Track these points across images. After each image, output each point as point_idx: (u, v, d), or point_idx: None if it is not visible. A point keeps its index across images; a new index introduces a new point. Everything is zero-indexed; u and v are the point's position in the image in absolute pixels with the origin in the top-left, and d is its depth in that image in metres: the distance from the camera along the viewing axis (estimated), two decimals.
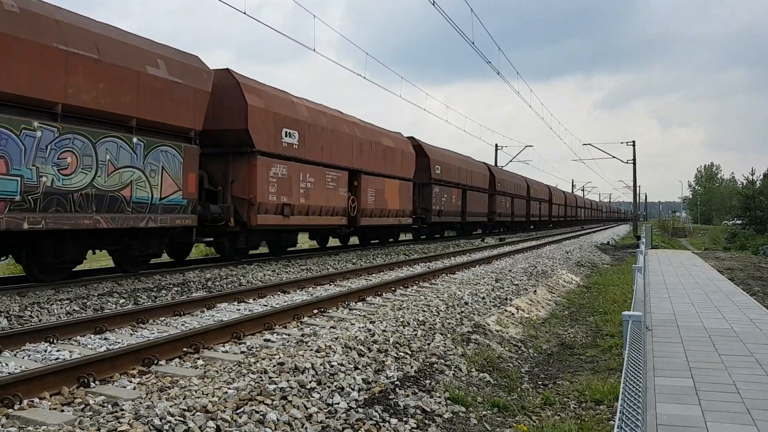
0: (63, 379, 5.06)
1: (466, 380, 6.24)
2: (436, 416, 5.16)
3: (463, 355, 6.97)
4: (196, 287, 11.14)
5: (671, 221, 77.47)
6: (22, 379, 4.80)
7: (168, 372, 5.67)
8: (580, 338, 8.97)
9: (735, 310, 9.76)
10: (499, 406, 5.62)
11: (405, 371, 6.06)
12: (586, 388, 6.16)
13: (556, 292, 13.39)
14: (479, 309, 9.63)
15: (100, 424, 4.06)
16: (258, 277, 12.81)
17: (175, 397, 4.70)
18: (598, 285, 15.19)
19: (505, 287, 12.11)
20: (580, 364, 7.52)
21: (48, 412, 4.52)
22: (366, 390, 5.39)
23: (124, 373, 5.55)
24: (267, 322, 7.73)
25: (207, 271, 13.21)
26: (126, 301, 9.54)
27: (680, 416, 4.62)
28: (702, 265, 19.05)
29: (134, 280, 11.39)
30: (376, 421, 4.79)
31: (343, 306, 9.49)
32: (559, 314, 11.05)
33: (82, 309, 8.76)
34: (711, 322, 8.61)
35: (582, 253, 24.59)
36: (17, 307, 8.38)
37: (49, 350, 6.38)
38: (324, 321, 8.37)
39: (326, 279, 12.36)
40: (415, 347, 6.87)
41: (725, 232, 51.09)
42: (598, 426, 5.10)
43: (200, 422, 4.19)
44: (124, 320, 7.74)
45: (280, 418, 4.46)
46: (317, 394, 5.06)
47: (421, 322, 8.03)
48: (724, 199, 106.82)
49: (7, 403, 4.54)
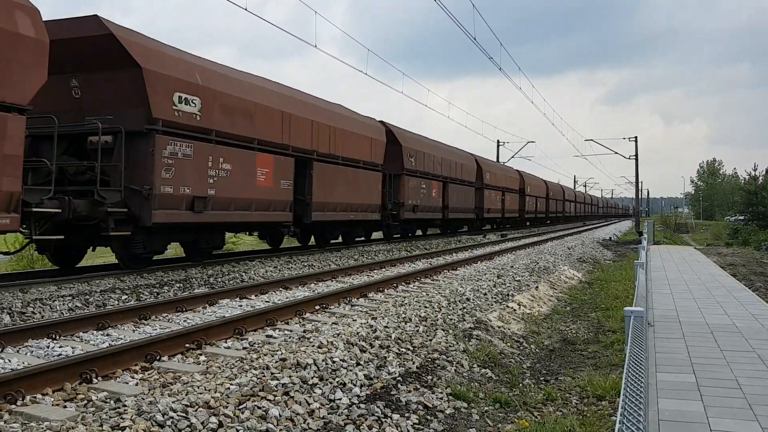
0: (65, 376, 5.07)
1: (468, 376, 6.25)
2: (438, 412, 5.17)
3: (465, 350, 6.97)
4: (198, 283, 11.15)
5: (673, 217, 77.34)
6: (24, 375, 4.81)
7: (170, 368, 5.68)
8: (582, 334, 8.97)
9: (737, 305, 9.75)
10: (501, 401, 5.62)
11: (407, 367, 6.07)
12: (588, 384, 6.16)
13: (558, 288, 13.39)
14: (481, 305, 9.63)
15: (103, 420, 4.07)
16: (260, 273, 12.82)
17: (178, 392, 4.71)
18: (600, 281, 15.18)
19: (507, 283, 12.10)
20: (582, 359, 7.52)
21: (50, 408, 4.53)
22: (368, 386, 5.39)
23: (126, 369, 5.56)
24: (269, 318, 7.74)
25: (209, 267, 13.22)
26: (128, 297, 9.56)
27: (682, 412, 4.62)
28: (704, 260, 19.03)
29: (137, 276, 11.40)
30: (378, 417, 4.80)
31: (345, 302, 9.49)
32: (561, 310, 11.05)
33: (85, 305, 8.78)
34: (713, 318, 8.60)
35: (584, 249, 24.58)
36: (20, 304, 8.39)
37: (51, 346, 6.39)
38: (326, 317, 8.38)
39: (328, 275, 12.36)
40: (417, 343, 6.87)
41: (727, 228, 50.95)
42: (600, 422, 5.11)
43: (203, 418, 4.19)
44: (127, 316, 7.75)
45: (282, 414, 4.47)
46: (319, 389, 5.06)
47: (423, 318, 8.04)
48: (727, 194, 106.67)
49: (10, 399, 4.55)
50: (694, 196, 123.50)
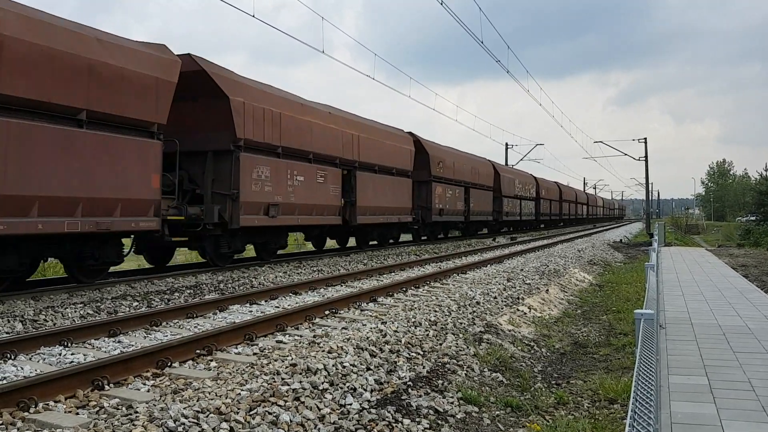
0: (78, 382, 5.09)
1: (479, 380, 6.23)
2: (449, 416, 5.16)
3: (476, 354, 6.95)
4: (209, 289, 11.19)
5: (684, 218, 76.87)
6: (37, 382, 4.84)
7: (182, 374, 5.70)
8: (594, 337, 8.93)
9: (749, 307, 9.68)
10: (512, 405, 5.61)
11: (417, 371, 6.06)
12: (599, 387, 6.14)
13: (569, 291, 13.34)
14: (491, 308, 9.61)
15: (115, 426, 4.09)
16: (270, 278, 12.85)
17: (189, 398, 4.72)
18: (611, 283, 15.11)
19: (517, 286, 12.07)
20: (594, 363, 7.49)
21: (63, 414, 4.55)
22: (378, 390, 5.39)
23: (138, 376, 5.58)
24: (279, 324, 7.75)
25: (219, 273, 13.26)
26: (139, 303, 9.60)
27: (695, 414, 4.59)
28: (715, 262, 18.90)
29: (147, 282, 11.45)
30: (389, 422, 4.79)
31: (355, 307, 9.50)
32: (572, 313, 11.01)
33: (96, 312, 8.83)
34: (725, 320, 8.54)
35: (594, 251, 24.48)
36: (32, 311, 8.45)
37: (63, 353, 6.43)
38: (336, 322, 8.38)
39: (337, 280, 12.37)
40: (427, 347, 6.86)
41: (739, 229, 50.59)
42: (612, 425, 5.08)
43: (214, 424, 4.21)
44: (138, 323, 7.78)
45: (293, 419, 4.48)
46: (330, 394, 5.07)
47: (433, 322, 8.03)
48: (738, 195, 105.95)
49: (23, 406, 4.58)
50: (705, 197, 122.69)
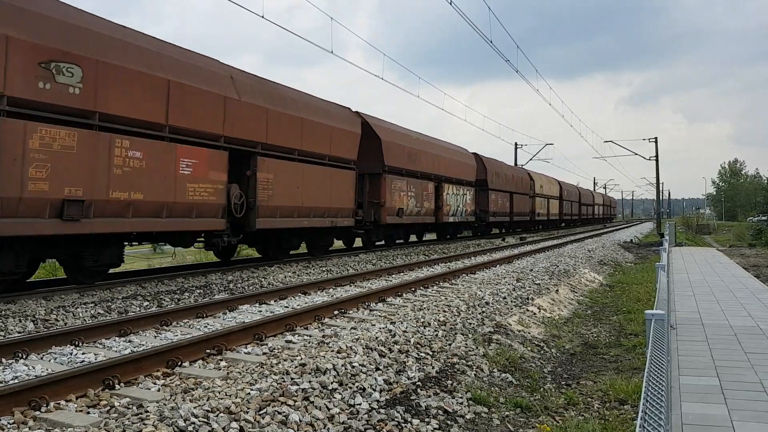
0: (88, 382, 5.12)
1: (488, 380, 6.22)
2: (459, 417, 5.15)
3: (485, 355, 6.94)
4: (219, 289, 11.23)
5: (695, 218, 76.38)
6: (48, 381, 4.87)
7: (192, 373, 5.72)
8: (604, 337, 8.89)
9: (761, 307, 9.61)
10: (522, 406, 5.59)
11: (426, 372, 6.05)
12: (609, 388, 6.11)
13: (579, 291, 13.28)
14: (500, 309, 9.58)
15: (125, 425, 4.11)
16: (279, 278, 12.87)
17: (199, 398, 4.74)
18: (621, 284, 15.04)
19: (527, 287, 12.04)
20: (604, 363, 7.45)
21: (74, 414, 4.58)
22: (387, 391, 5.39)
23: (148, 375, 5.61)
24: (288, 324, 7.77)
25: (229, 273, 13.30)
26: (150, 303, 9.65)
27: (706, 416, 4.56)
28: (727, 262, 18.77)
29: (157, 282, 11.51)
30: (398, 422, 4.79)
31: (364, 307, 9.50)
32: (582, 313, 10.96)
33: (107, 312, 8.88)
34: (737, 320, 8.48)
35: (605, 251, 24.37)
36: (43, 311, 8.51)
37: (74, 353, 6.46)
38: (345, 322, 8.39)
39: (346, 280, 12.38)
40: (436, 348, 6.86)
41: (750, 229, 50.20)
42: (622, 426, 5.06)
43: (224, 423, 4.22)
44: (148, 323, 7.82)
45: (302, 419, 4.49)
46: (339, 394, 5.07)
47: (442, 322, 8.02)
48: (749, 195, 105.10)
49: (34, 405, 4.62)
50: (716, 197, 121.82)
